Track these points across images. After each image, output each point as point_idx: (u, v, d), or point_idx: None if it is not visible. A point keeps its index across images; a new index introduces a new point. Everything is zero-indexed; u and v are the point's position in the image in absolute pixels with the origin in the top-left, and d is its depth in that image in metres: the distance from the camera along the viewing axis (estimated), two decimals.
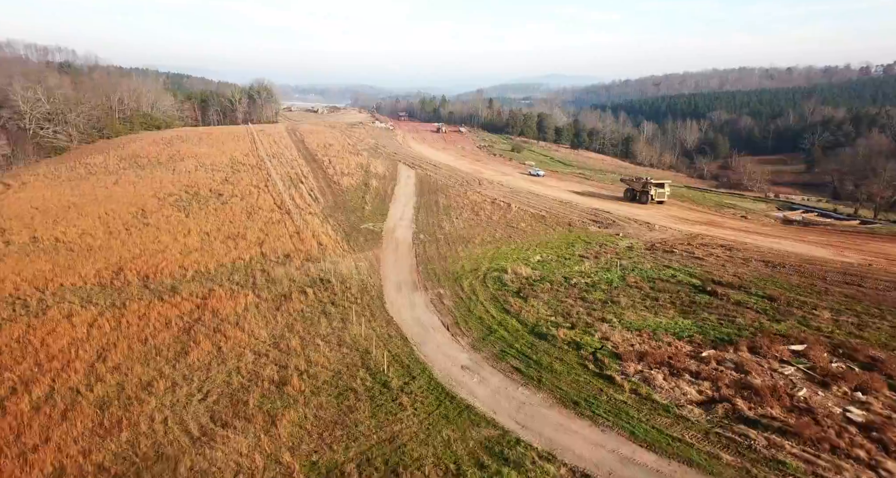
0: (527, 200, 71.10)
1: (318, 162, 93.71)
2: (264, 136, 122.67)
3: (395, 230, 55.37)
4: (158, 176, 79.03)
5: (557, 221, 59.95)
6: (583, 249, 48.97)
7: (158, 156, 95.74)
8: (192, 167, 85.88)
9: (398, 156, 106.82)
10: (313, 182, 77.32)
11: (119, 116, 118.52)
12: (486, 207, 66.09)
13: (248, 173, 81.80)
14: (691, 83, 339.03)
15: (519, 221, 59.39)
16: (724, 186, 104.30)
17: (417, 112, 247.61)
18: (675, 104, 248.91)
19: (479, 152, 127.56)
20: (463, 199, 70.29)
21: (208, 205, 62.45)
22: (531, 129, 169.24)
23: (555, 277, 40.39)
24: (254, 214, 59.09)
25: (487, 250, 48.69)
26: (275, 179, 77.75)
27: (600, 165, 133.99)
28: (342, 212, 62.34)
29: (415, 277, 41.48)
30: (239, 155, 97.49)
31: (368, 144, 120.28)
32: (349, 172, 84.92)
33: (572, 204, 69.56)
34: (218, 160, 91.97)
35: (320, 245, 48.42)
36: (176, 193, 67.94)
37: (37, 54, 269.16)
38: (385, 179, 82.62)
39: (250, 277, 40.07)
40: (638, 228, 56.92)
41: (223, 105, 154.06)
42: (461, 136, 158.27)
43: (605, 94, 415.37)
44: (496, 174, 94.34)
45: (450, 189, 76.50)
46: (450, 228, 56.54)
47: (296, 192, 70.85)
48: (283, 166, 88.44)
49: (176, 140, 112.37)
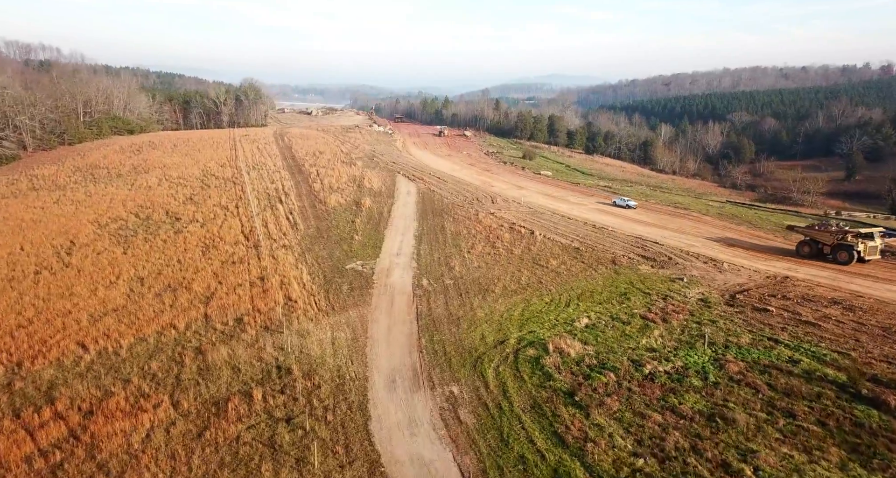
0: (552, 223, 58.48)
1: (305, 174, 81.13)
2: (248, 142, 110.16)
3: (391, 272, 42.76)
4: (111, 193, 66.52)
5: (596, 255, 47.29)
6: (641, 303, 36.41)
7: (120, 166, 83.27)
8: (154, 181, 73.37)
9: (397, 165, 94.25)
10: (295, 201, 64.72)
11: (85, 120, 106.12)
12: (503, 235, 53.50)
13: (220, 189, 69.23)
14: (703, 83, 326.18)
15: (548, 257, 46.77)
16: (767, 199, 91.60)
17: (418, 113, 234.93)
18: (689, 105, 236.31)
19: (488, 160, 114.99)
20: (474, 223, 57.69)
21: (158, 234, 49.89)
22: (541, 132, 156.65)
23: (618, 360, 27.86)
24: (212, 248, 46.51)
25: (514, 305, 36.14)
26: (249, 198, 65.19)
27: (621, 174, 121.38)
28: (325, 243, 49.75)
29: (416, 358, 28.91)
30: (214, 165, 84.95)
31: (364, 150, 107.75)
32: (339, 188, 72.32)
33: (608, 229, 56.92)
34: (188, 172, 79.45)
35: (288, 301, 35.84)
36: (123, 218, 55.43)
37: (19, 52, 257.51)
38: (381, 195, 69.99)
39: (176, 363, 27.49)
40: (703, 269, 44.25)
41: (207, 107, 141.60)
42: (466, 140, 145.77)
43: (611, 94, 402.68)
44: (509, 187, 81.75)
45: (457, 209, 63.90)
46: (461, 267, 43.93)
47: (271, 215, 58.27)
48: (262, 180, 75.87)
49: (147, 147, 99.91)
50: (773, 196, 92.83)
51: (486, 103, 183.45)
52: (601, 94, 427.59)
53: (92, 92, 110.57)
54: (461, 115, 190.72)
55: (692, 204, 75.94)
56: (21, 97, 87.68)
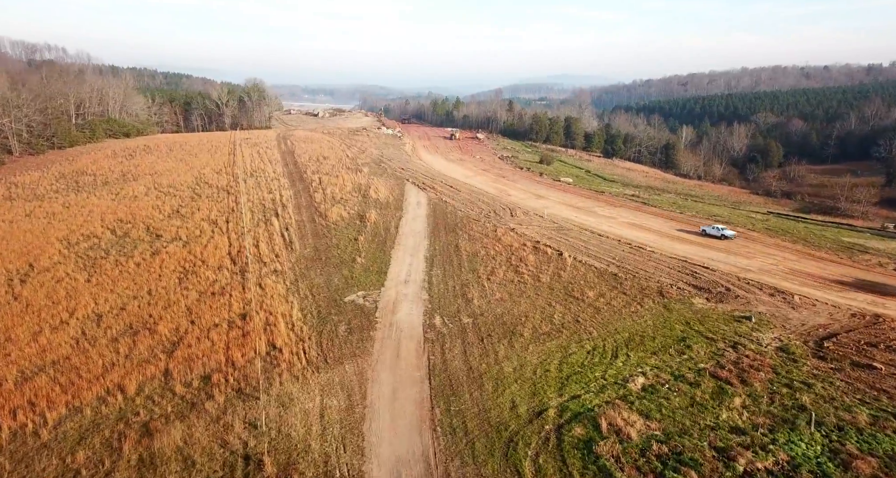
0: (581, 242, 51.41)
1: (306, 182, 74.68)
2: (248, 146, 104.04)
3: (398, 307, 36.02)
4: (92, 204, 60.44)
5: (639, 284, 40.23)
6: (706, 353, 29.42)
7: (108, 173, 77.33)
8: (142, 190, 67.27)
9: (406, 172, 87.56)
10: (292, 214, 58.21)
11: (78, 122, 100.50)
12: (527, 256, 46.55)
13: (211, 200, 62.94)
14: (721, 83, 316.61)
15: (582, 286, 39.79)
16: (811, 209, 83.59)
17: (429, 115, 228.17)
18: (710, 106, 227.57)
19: (502, 165, 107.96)
20: (493, 241, 50.79)
21: (132, 256, 43.53)
22: (558, 135, 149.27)
23: (696, 448, 20.96)
24: (191, 274, 40.04)
25: (548, 355, 29.28)
26: (242, 211, 58.79)
27: (644, 179, 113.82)
28: (322, 267, 43.11)
29: (428, 442, 22.13)
30: (209, 172, 78.79)
31: (371, 155, 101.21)
32: (342, 198, 65.75)
33: (647, 249, 49.73)
34: (180, 180, 73.33)
35: (272, 349, 29.23)
36: (98, 235, 49.19)
37: (25, 52, 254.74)
38: (388, 207, 63.30)
39: (110, 453, 20.90)
40: (771, 303, 37.03)
41: (208, 108, 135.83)
42: (479, 143, 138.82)
43: (625, 94, 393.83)
44: (528, 197, 74.72)
45: (473, 224, 57.04)
46: (480, 300, 37.10)
47: (265, 231, 51.77)
48: (259, 189, 69.49)
49: (140, 151, 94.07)
50: (817, 206, 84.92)
51: (498, 104, 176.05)
52: (615, 94, 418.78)
53: (85, 92, 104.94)
54: (473, 116, 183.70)
55: (733, 216, 68.44)
56: (6, 98, 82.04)
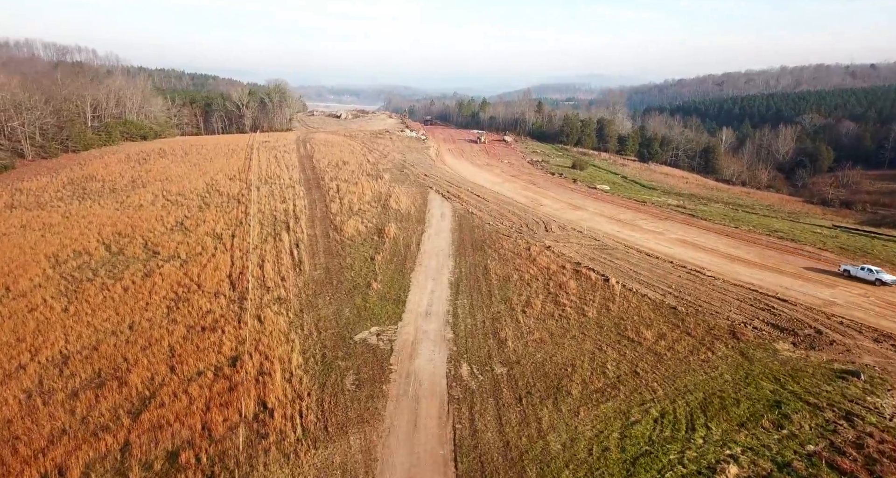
0: (630, 265, 44.82)
1: (323, 190, 69.64)
2: (266, 149, 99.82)
3: (417, 349, 30.25)
4: (93, 214, 56.36)
5: (705, 321, 33.63)
6: (812, 428, 22.90)
7: (118, 179, 73.63)
8: (149, 198, 63.12)
9: (430, 179, 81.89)
10: (305, 228, 53.02)
11: (93, 125, 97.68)
12: (567, 282, 40.28)
13: (220, 210, 58.30)
14: (759, 82, 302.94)
15: (637, 323, 33.41)
16: (881, 222, 74.78)
17: (454, 116, 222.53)
18: (749, 106, 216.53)
19: (532, 170, 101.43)
20: (526, 262, 44.62)
21: (122, 278, 38.78)
22: (590, 137, 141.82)
23: None
24: (183, 302, 35.00)
25: (606, 425, 23.17)
26: (251, 223, 53.89)
27: (685, 186, 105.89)
28: (333, 294, 37.64)
29: None
30: (222, 178, 74.45)
31: (393, 160, 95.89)
32: (360, 209, 60.41)
33: (706, 274, 42.85)
34: (190, 187, 69.08)
35: (262, 411, 23.76)
36: (90, 251, 44.73)
37: (56, 54, 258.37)
38: (409, 220, 57.65)
39: None
40: (878, 351, 30.01)
41: (228, 110, 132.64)
42: (507, 147, 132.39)
43: (657, 94, 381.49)
44: (563, 207, 68.23)
45: (503, 240, 50.93)
46: (516, 341, 31.09)
47: (273, 248, 46.64)
48: (272, 198, 64.68)
49: (155, 155, 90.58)
50: (888, 219, 76.00)
51: (527, 105, 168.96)
52: (645, 94, 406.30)
53: (102, 94, 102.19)
54: (500, 117, 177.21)
55: (796, 232, 60.73)
56: (18, 100, 79.20)
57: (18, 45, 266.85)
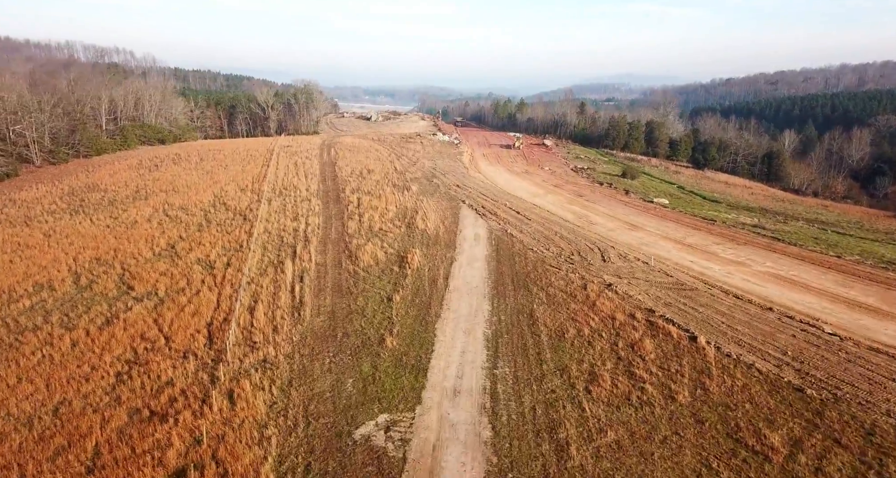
0: (720, 313, 34.66)
1: (342, 204, 61.55)
2: (287, 155, 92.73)
3: (439, 462, 21.23)
4: (80, 232, 49.60)
5: (855, 422, 23.46)
6: None
7: (122, 188, 67.37)
8: (147, 213, 56.25)
9: (462, 190, 72.90)
10: (314, 254, 44.78)
11: (108, 128, 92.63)
12: (641, 340, 30.61)
13: (221, 229, 50.78)
14: (819, 81, 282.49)
15: (753, 417, 23.56)
16: None
17: (489, 117, 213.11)
18: (811, 107, 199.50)
19: (578, 180, 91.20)
20: (584, 308, 35.09)
21: (75, 327, 31.17)
22: (638, 141, 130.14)
23: None
24: (139, 367, 27.00)
25: None
26: (254, 246, 46.01)
27: (751, 198, 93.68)
28: (334, 356, 29.06)
29: None
30: (233, 189, 67.32)
31: (423, 168, 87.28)
32: (381, 229, 51.93)
33: (827, 332, 32.36)
34: (196, 199, 62.06)
35: None
36: (56, 283, 37.53)
37: (95, 55, 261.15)
38: (437, 244, 48.77)
39: None
40: None
41: (253, 112, 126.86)
42: (547, 151, 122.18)
43: (703, 94, 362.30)
44: (619, 226, 58.20)
45: (551, 273, 41.47)
46: (583, 450, 21.73)
47: (271, 282, 38.52)
48: (283, 214, 56.94)
49: (168, 161, 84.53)
50: None
51: (569, 106, 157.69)
52: (690, 94, 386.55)
53: (119, 95, 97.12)
54: (538, 119, 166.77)
55: None
56: (27, 102, 74.17)
57: (60, 47, 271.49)
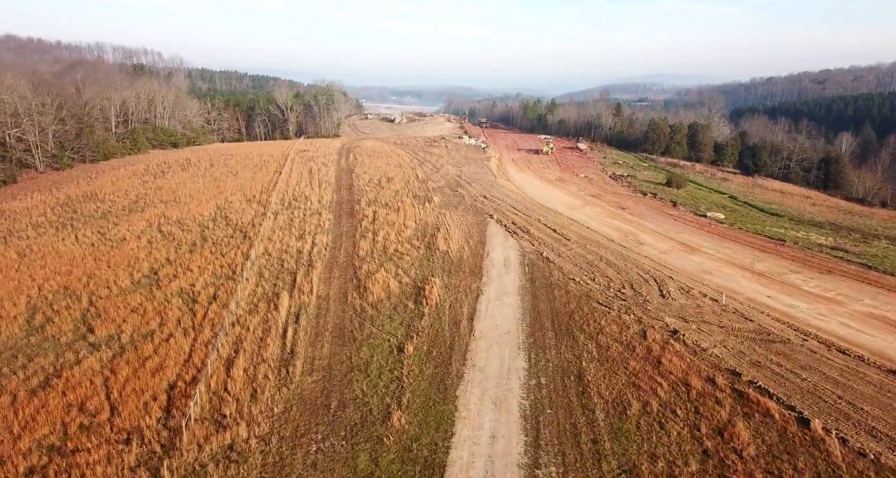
0: (831, 383, 26.43)
1: (355, 219, 54.91)
2: (302, 161, 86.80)
3: None
4: (59, 251, 44.02)
5: None
6: None
7: (122, 198, 62.14)
8: (140, 228, 50.54)
9: (490, 201, 65.53)
10: (316, 285, 38.07)
11: (118, 131, 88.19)
12: (732, 423, 22.82)
13: (215, 250, 44.58)
14: (870, 79, 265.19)
15: None
16: None
17: (518, 118, 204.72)
18: (868, 107, 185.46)
19: (617, 188, 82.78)
20: (648, 367, 27.39)
21: (3, 390, 24.96)
22: (680, 145, 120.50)
23: None
24: (60, 457, 20.49)
25: None
26: (248, 272, 39.57)
27: (813, 209, 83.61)
28: (323, 436, 22.12)
29: None
30: (238, 199, 61.39)
31: (447, 176, 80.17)
32: (396, 251, 45.00)
33: None
34: (197, 211, 56.24)
35: None
36: (6, 322, 31.59)
37: (124, 56, 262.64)
38: (461, 270, 41.54)
39: None
40: None
41: (272, 114, 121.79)
42: (581, 156, 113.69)
43: (743, 94, 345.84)
44: (672, 248, 50.05)
45: (600, 315, 33.81)
46: None
47: (260, 323, 31.90)
48: (288, 231, 50.54)
49: (176, 167, 79.40)
50: None
51: (603, 107, 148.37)
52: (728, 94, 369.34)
53: (131, 97, 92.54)
54: (570, 121, 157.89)
55: None
56: (30, 104, 69.71)
57: (90, 48, 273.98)
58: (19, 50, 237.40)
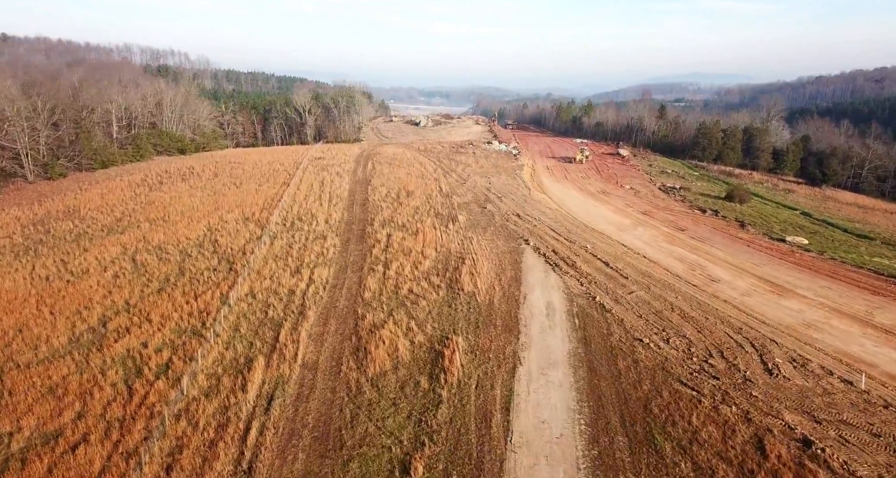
0: None
1: (366, 245, 46.12)
2: (316, 169, 78.72)
3: None
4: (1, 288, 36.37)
5: None
6: None
7: (104, 214, 54.83)
8: (113, 255, 42.82)
9: (525, 222, 55.96)
10: (304, 345, 29.26)
11: (120, 136, 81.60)
12: None
13: (188, 291, 36.33)
14: None
15: None
16: None
17: (550, 120, 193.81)
18: None
19: (670, 202, 72.05)
20: None
21: None
22: (734, 151, 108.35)
23: None
24: None
25: None
26: (220, 326, 31.05)
27: None
28: None
29: None
30: (234, 218, 53.34)
31: (474, 188, 70.86)
32: (411, 292, 35.95)
33: None
34: (185, 233, 48.35)
35: None
36: None
37: (151, 58, 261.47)
38: (492, 325, 32.16)
39: None
40: None
41: (289, 117, 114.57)
42: (623, 163, 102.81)
43: (790, 94, 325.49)
44: (756, 287, 39.65)
45: (686, 408, 24.01)
46: None
47: (217, 413, 23.22)
48: (284, 261, 42.03)
49: (177, 176, 72.20)
50: None
51: (645, 108, 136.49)
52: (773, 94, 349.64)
53: (136, 100, 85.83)
54: (608, 123, 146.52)
55: None
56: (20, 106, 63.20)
57: (118, 50, 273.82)
58: (48, 51, 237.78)
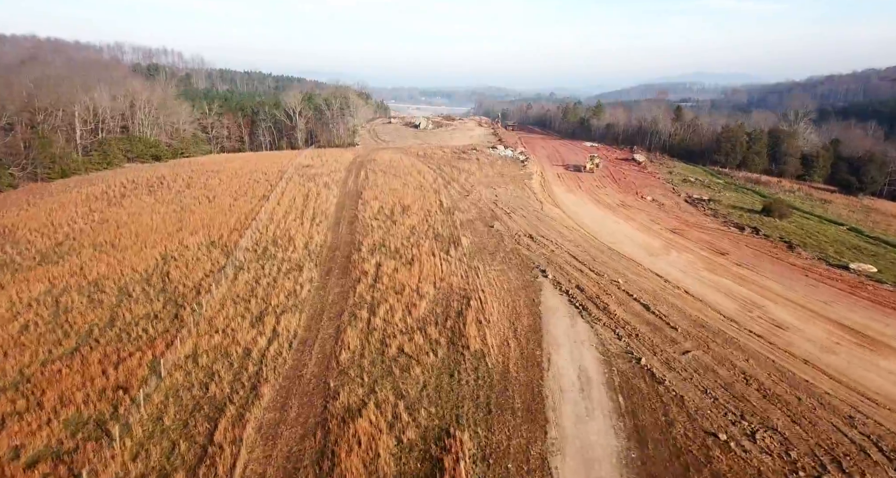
0: None
1: (351, 278, 37.86)
2: (302, 179, 70.43)
3: None
4: None
5: None
6: None
7: (41, 238, 46.55)
8: (34, 295, 34.64)
9: (539, 245, 47.59)
10: (247, 448, 20.94)
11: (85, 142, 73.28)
12: None
13: (110, 354, 28.07)
14: None
15: None
16: None
17: (556, 121, 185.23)
18: None
19: (700, 217, 63.58)
20: None
21: None
22: (759, 156, 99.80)
23: None
24: None
25: None
26: (139, 414, 22.74)
27: None
28: None
29: None
30: (198, 241, 45.06)
31: (479, 201, 62.51)
32: (404, 353, 27.58)
33: None
34: (132, 263, 40.11)
35: None
36: None
37: (143, 56, 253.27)
38: (507, 409, 23.79)
39: None
40: None
41: (277, 120, 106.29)
42: (640, 170, 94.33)
43: (801, 94, 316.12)
44: (834, 335, 31.27)
45: None
46: None
47: None
48: (245, 305, 33.73)
49: (144, 188, 63.89)
50: None
51: (660, 109, 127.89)
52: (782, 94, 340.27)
53: (103, 102, 77.30)
54: (618, 125, 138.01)
55: None
56: None
57: (109, 48, 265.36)
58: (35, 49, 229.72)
